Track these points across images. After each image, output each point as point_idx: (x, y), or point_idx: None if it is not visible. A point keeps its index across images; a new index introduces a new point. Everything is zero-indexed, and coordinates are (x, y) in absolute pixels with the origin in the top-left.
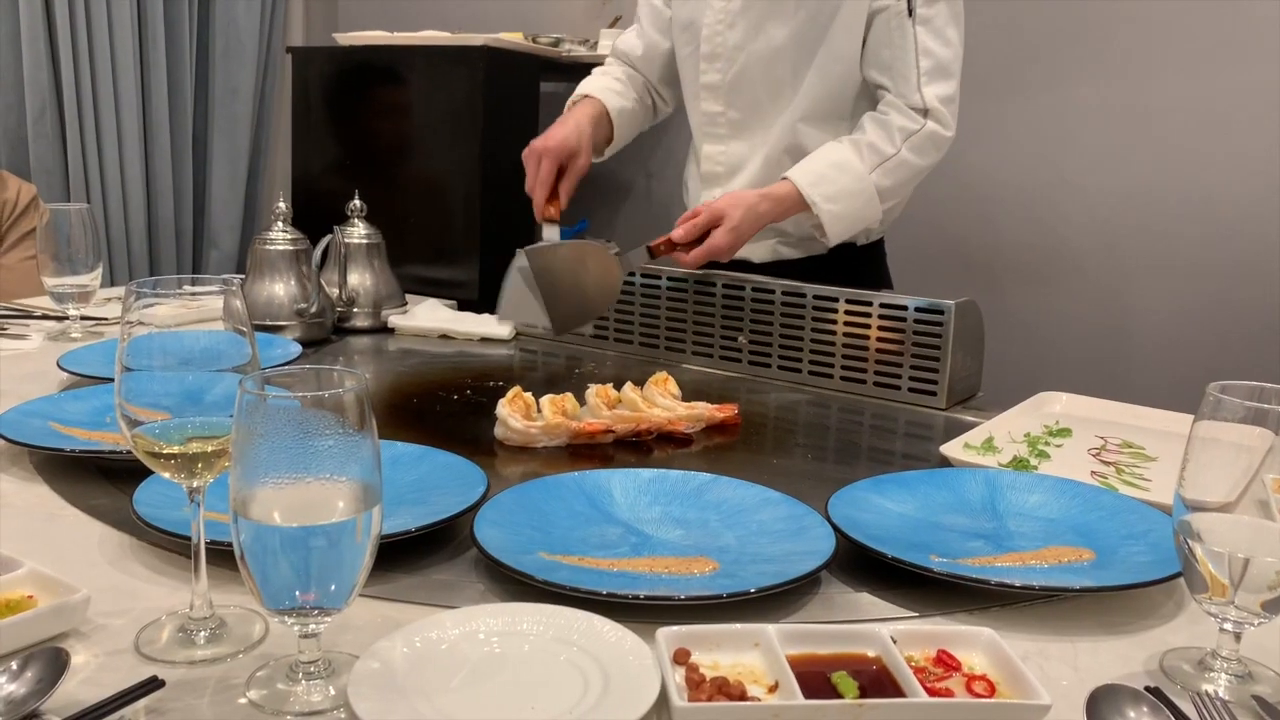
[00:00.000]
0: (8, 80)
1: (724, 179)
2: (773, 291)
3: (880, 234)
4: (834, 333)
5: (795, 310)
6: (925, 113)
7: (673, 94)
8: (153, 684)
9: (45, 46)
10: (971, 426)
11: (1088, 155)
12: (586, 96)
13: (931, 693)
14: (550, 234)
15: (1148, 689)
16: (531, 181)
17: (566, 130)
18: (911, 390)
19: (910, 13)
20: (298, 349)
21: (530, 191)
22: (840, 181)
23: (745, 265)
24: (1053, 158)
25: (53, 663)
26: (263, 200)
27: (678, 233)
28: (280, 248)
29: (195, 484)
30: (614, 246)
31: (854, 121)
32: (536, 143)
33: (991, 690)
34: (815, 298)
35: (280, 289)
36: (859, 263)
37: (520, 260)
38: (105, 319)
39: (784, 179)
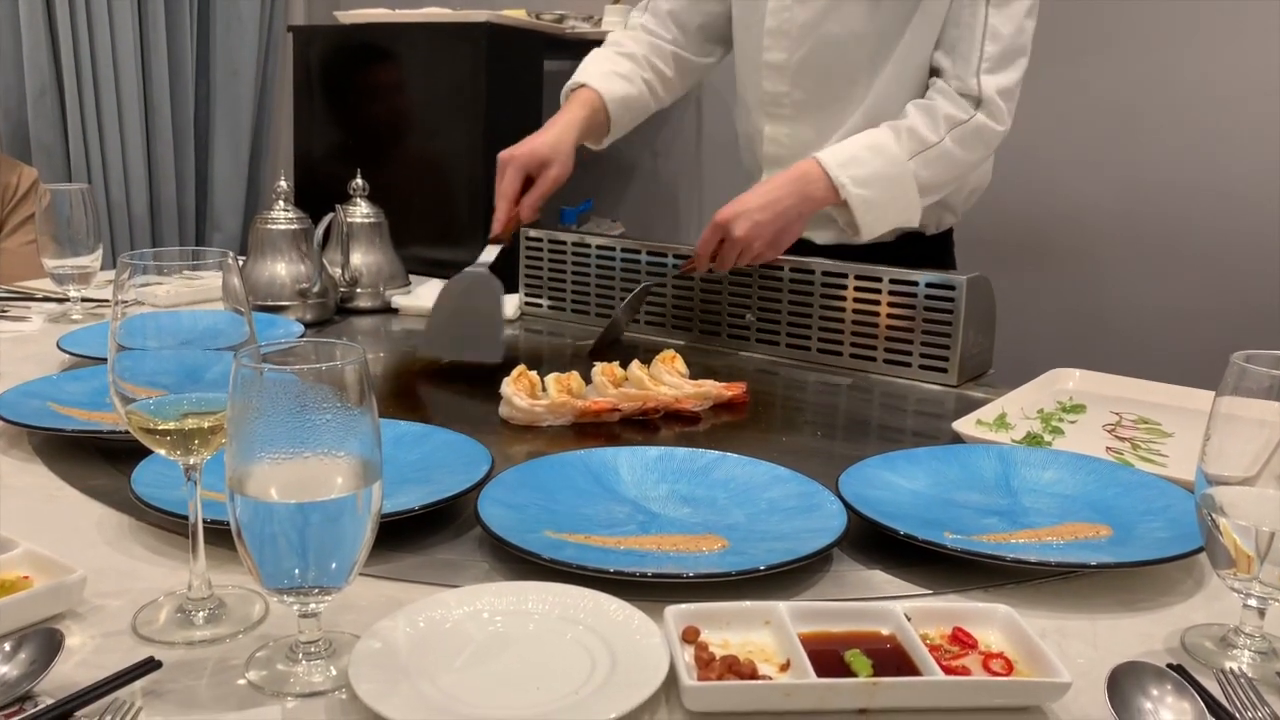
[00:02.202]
0: (7, 60)
1: (788, 161)
2: (780, 269)
3: (952, 222)
4: (843, 309)
5: (803, 287)
6: (978, 103)
7: (716, 50)
8: (150, 665)
9: (44, 26)
10: (983, 403)
11: (1101, 131)
12: (583, 86)
13: (948, 671)
14: (487, 255)
15: (1170, 666)
16: (497, 192)
17: (542, 139)
18: (922, 367)
19: None
20: (300, 329)
21: (496, 201)
22: (873, 164)
23: (808, 247)
24: (1065, 132)
25: (46, 644)
26: (265, 181)
27: (698, 262)
28: (281, 227)
29: (192, 461)
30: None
31: None
32: (507, 150)
33: (1009, 668)
34: (824, 274)
35: (282, 269)
36: (927, 252)
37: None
38: (106, 300)
39: (808, 158)
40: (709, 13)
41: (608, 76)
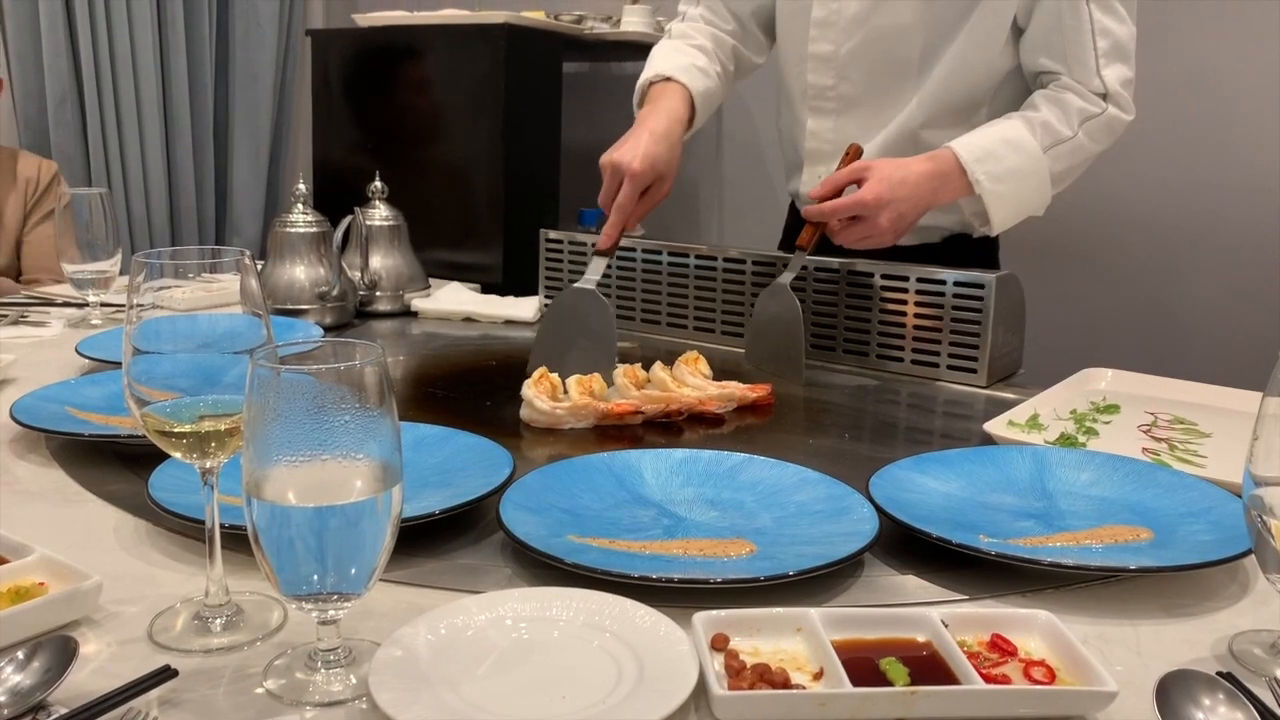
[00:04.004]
0: (28, 68)
1: (831, 157)
2: (805, 268)
3: None
4: (869, 309)
5: (829, 286)
6: (1105, 96)
7: (767, 46)
8: (165, 674)
9: (65, 33)
10: (1014, 404)
11: (1132, 127)
12: (668, 80)
13: (987, 679)
14: (593, 272)
15: (1220, 674)
16: (606, 199)
17: (656, 148)
18: (951, 368)
19: None
20: (319, 332)
21: (604, 208)
22: (1010, 160)
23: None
24: None
25: (61, 652)
26: (285, 185)
27: (815, 190)
28: (301, 230)
29: (208, 464)
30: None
31: (988, 118)
32: (619, 156)
33: (1051, 676)
34: (850, 273)
35: (301, 272)
36: (973, 253)
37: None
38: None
39: (945, 148)
40: (758, 2)
41: (689, 70)
